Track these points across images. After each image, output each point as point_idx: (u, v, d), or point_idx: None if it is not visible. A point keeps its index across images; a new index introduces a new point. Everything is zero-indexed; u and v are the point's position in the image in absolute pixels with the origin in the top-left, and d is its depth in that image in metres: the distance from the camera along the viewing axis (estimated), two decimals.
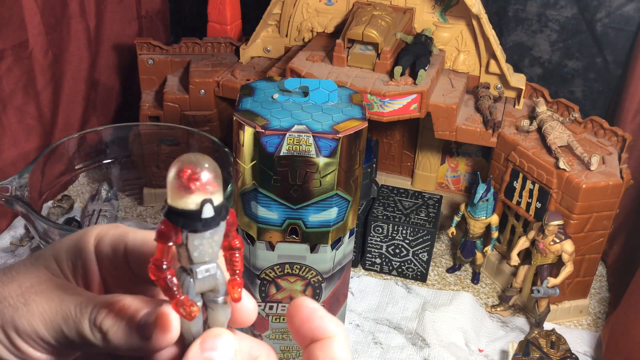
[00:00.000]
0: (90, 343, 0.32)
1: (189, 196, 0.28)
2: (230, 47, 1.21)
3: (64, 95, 1.16)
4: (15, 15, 1.01)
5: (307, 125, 0.65)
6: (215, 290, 0.31)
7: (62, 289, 0.33)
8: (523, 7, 1.15)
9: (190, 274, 0.30)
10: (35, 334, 0.32)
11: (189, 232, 0.29)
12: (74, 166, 1.01)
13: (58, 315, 0.32)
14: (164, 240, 0.29)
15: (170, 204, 0.28)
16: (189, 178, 0.28)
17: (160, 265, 0.29)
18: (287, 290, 0.75)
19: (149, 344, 0.31)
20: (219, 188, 0.29)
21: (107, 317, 0.32)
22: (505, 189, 0.99)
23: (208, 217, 0.28)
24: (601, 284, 1.06)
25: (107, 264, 0.36)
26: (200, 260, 0.29)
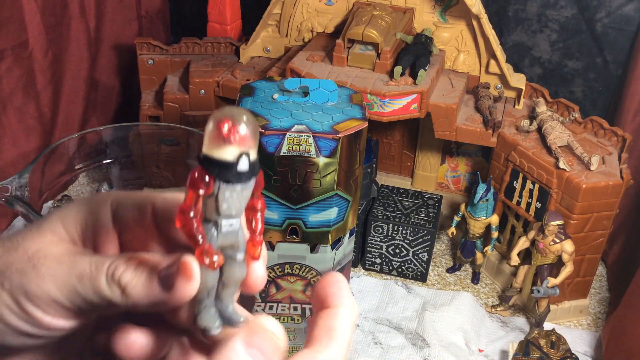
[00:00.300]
0: (109, 300, 0.31)
1: (227, 147, 0.28)
2: (230, 47, 1.21)
3: (64, 95, 1.16)
4: (15, 15, 1.01)
5: (307, 125, 0.65)
6: (235, 247, 0.31)
7: (72, 251, 0.32)
8: (523, 7, 1.15)
9: (215, 226, 0.30)
10: (47, 297, 0.31)
11: (222, 183, 0.29)
12: (74, 166, 1.01)
13: (71, 274, 0.31)
14: (196, 188, 0.29)
15: (207, 153, 0.28)
16: (229, 129, 0.28)
17: (189, 212, 0.29)
18: (287, 290, 0.75)
19: (171, 296, 0.30)
20: (255, 144, 0.29)
21: (127, 271, 0.31)
22: (505, 189, 0.99)
23: (243, 171, 0.28)
24: (601, 284, 1.06)
25: (133, 227, 0.34)
26: (227, 213, 0.30)
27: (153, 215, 0.34)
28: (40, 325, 0.31)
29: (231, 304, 0.32)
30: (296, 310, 0.76)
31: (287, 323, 0.77)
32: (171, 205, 0.34)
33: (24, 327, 0.31)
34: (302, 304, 0.76)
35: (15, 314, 0.31)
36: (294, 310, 0.76)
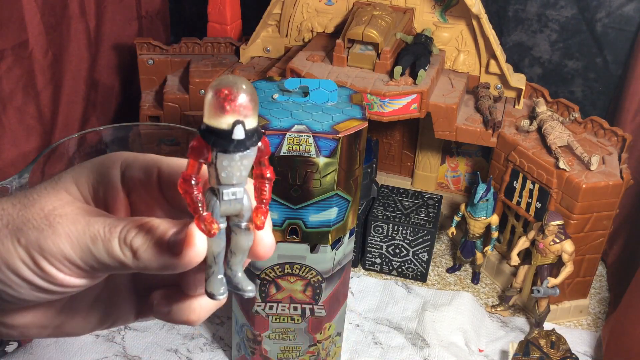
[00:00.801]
0: (120, 262, 0.32)
1: (222, 116, 0.28)
2: (230, 47, 1.21)
3: (64, 95, 1.16)
4: (15, 15, 1.01)
5: (307, 125, 0.65)
6: (240, 215, 0.31)
7: (86, 211, 0.33)
8: (523, 7, 1.15)
9: (217, 194, 0.30)
10: (61, 255, 0.32)
11: (219, 152, 0.29)
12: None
13: (85, 235, 0.32)
14: (195, 156, 0.29)
15: (205, 122, 0.29)
16: (224, 98, 0.28)
17: (190, 180, 0.30)
18: (287, 290, 0.75)
19: (179, 261, 0.31)
20: (253, 112, 0.29)
21: (138, 236, 0.32)
22: (505, 189, 0.99)
23: (238, 139, 0.29)
24: (601, 284, 1.06)
25: (139, 189, 0.35)
26: (228, 182, 0.30)
27: (158, 179, 0.35)
28: (53, 281, 0.32)
29: (240, 271, 0.33)
30: (296, 310, 0.76)
31: (287, 323, 0.77)
32: (176, 171, 0.35)
33: (39, 282, 0.32)
34: (302, 304, 0.76)
35: (31, 269, 0.32)
36: (294, 310, 0.76)
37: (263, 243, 0.33)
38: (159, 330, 0.91)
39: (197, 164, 0.30)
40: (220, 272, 0.32)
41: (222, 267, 0.32)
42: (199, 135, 0.29)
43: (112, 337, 0.89)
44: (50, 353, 0.86)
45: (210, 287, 0.32)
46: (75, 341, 0.88)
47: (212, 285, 0.32)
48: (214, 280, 0.32)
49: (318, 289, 0.75)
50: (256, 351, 0.80)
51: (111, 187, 0.35)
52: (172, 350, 0.88)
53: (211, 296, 0.32)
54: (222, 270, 0.32)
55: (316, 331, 0.78)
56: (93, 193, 0.35)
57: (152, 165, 0.35)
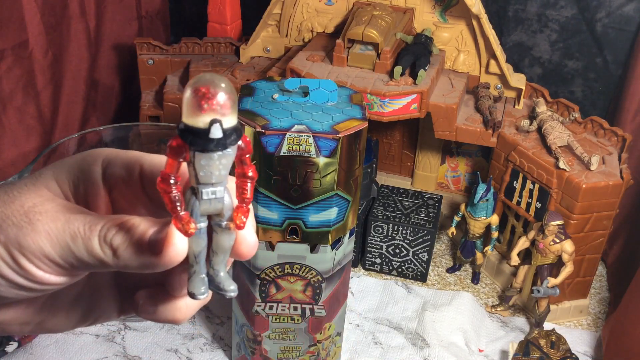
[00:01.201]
0: (100, 260, 0.32)
1: (200, 114, 0.28)
2: (230, 47, 1.21)
3: (64, 95, 1.16)
4: (15, 15, 1.01)
5: (307, 125, 0.65)
6: (221, 215, 0.31)
7: (67, 209, 0.33)
8: (523, 7, 1.15)
9: (196, 194, 0.30)
10: (41, 252, 0.31)
11: (196, 151, 0.29)
12: None
13: (65, 233, 0.32)
14: (174, 155, 0.29)
15: (183, 121, 0.29)
16: (202, 96, 0.28)
17: (168, 179, 0.29)
18: (287, 290, 0.75)
19: (159, 260, 0.31)
20: (231, 111, 0.29)
21: (118, 234, 0.31)
22: (505, 189, 0.99)
23: (215, 138, 0.28)
24: (601, 284, 1.06)
25: (120, 186, 0.35)
26: (206, 181, 0.30)
27: (140, 176, 0.35)
28: (33, 279, 0.32)
29: (222, 270, 0.32)
30: (296, 310, 0.76)
31: (287, 323, 0.77)
32: (158, 169, 0.34)
33: (18, 280, 0.32)
34: (302, 304, 0.76)
35: (10, 267, 0.32)
36: (294, 310, 0.76)
37: (245, 242, 0.33)
38: (159, 330, 0.91)
39: (176, 162, 0.30)
40: (202, 272, 0.32)
41: (204, 266, 0.32)
42: (177, 134, 0.29)
43: (112, 337, 0.89)
44: (50, 353, 0.86)
45: (192, 286, 0.32)
46: (75, 341, 0.88)
47: (193, 284, 0.32)
48: (196, 279, 0.32)
49: (318, 289, 0.75)
50: (256, 351, 0.80)
51: (92, 184, 0.35)
52: (172, 350, 0.88)
53: (192, 296, 0.32)
54: (204, 269, 0.32)
55: (316, 331, 0.78)
56: (74, 190, 0.35)
57: (134, 162, 0.35)
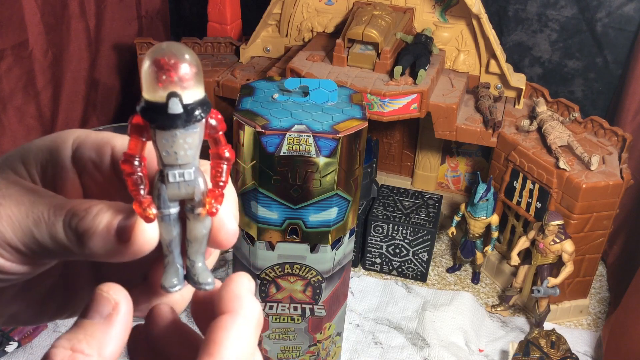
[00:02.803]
0: (65, 247, 0.30)
1: (157, 88, 0.26)
2: (230, 47, 1.21)
3: (64, 95, 1.16)
4: (15, 15, 1.01)
5: (307, 125, 0.65)
6: (193, 200, 0.28)
7: (32, 192, 0.31)
8: (523, 7, 1.15)
9: (162, 177, 0.28)
10: (2, 239, 0.29)
11: (156, 128, 0.26)
12: None
13: (29, 218, 0.29)
14: (136, 134, 0.27)
15: (143, 95, 0.26)
16: (159, 68, 0.25)
17: (132, 160, 0.27)
18: (287, 290, 0.75)
19: (126, 248, 0.29)
20: (195, 83, 0.26)
21: (84, 220, 0.29)
22: (505, 188, 0.99)
23: (174, 114, 0.26)
24: (601, 284, 1.06)
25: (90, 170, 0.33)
26: (171, 162, 0.27)
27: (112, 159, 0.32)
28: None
29: (199, 261, 0.30)
30: (296, 310, 0.76)
31: (287, 323, 0.77)
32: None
33: None
34: (302, 304, 0.76)
35: None
36: (294, 310, 0.76)
37: (224, 230, 0.30)
38: None
39: (140, 142, 0.27)
40: (177, 262, 0.30)
41: (178, 256, 0.30)
42: (137, 110, 0.26)
43: None
44: None
45: (164, 278, 0.29)
46: None
47: (165, 276, 0.29)
48: (169, 270, 0.29)
49: (318, 289, 0.75)
50: None
51: (60, 166, 0.32)
52: None
53: (163, 289, 0.29)
54: (178, 259, 0.30)
55: (316, 331, 0.78)
56: (42, 173, 0.32)
57: (105, 143, 0.32)
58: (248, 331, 0.29)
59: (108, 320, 0.28)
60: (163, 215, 0.28)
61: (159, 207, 0.28)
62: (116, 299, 0.29)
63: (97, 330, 0.28)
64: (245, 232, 0.72)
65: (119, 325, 0.28)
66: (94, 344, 0.27)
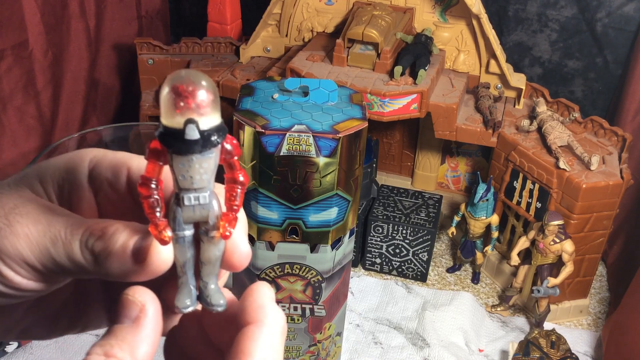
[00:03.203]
0: (81, 267, 0.30)
1: (175, 114, 0.26)
2: (230, 47, 1.21)
3: (64, 95, 1.16)
4: (15, 15, 1.01)
5: (307, 125, 0.65)
6: (207, 223, 0.29)
7: (49, 210, 0.31)
8: (523, 7, 1.15)
9: (178, 200, 0.28)
10: (18, 256, 0.30)
11: (173, 153, 0.27)
12: None
13: (46, 236, 0.30)
14: (154, 158, 0.28)
15: (161, 121, 0.27)
16: (177, 94, 0.26)
17: (149, 183, 0.28)
18: (287, 290, 0.75)
19: (142, 269, 0.29)
20: (211, 110, 0.27)
21: (101, 239, 0.30)
22: (505, 188, 0.99)
23: (191, 139, 0.26)
24: (601, 284, 1.06)
25: (106, 189, 0.33)
26: (186, 186, 0.28)
27: (128, 180, 0.33)
28: (8, 284, 0.30)
29: (212, 283, 0.30)
30: (296, 310, 0.76)
31: (287, 323, 0.77)
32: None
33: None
34: (302, 304, 0.76)
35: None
36: (294, 310, 0.76)
37: (237, 253, 0.31)
38: None
39: (157, 166, 0.28)
40: (191, 283, 0.30)
41: (192, 277, 0.30)
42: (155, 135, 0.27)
43: None
44: (50, 353, 0.86)
45: (177, 298, 0.30)
46: (75, 341, 0.88)
47: (178, 296, 0.30)
48: (183, 291, 0.30)
49: (318, 289, 0.75)
50: None
51: (77, 185, 0.33)
52: None
53: (176, 309, 0.30)
54: (192, 281, 0.30)
55: (316, 331, 0.78)
56: (58, 191, 0.33)
57: (122, 164, 0.33)
58: (275, 340, 0.29)
59: (137, 323, 0.29)
60: (178, 237, 0.29)
61: (174, 229, 0.29)
62: (142, 301, 0.29)
63: (128, 334, 0.28)
64: None
65: (149, 327, 0.29)
66: (125, 347, 0.28)
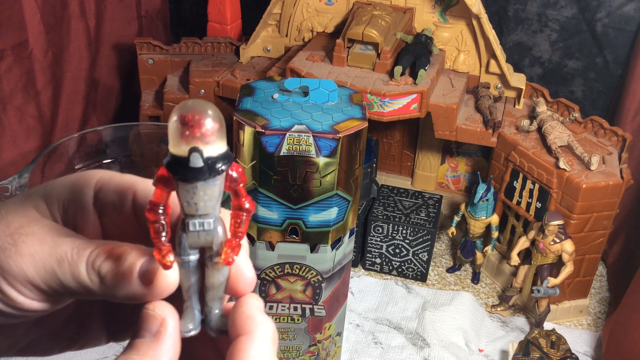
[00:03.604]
0: (87, 288, 0.30)
1: (181, 142, 0.27)
2: (230, 47, 1.21)
3: (64, 95, 1.16)
4: (15, 15, 1.01)
5: (307, 125, 0.65)
6: (211, 249, 0.30)
7: (55, 231, 0.31)
8: (523, 7, 1.15)
9: (183, 226, 0.29)
10: (23, 277, 0.30)
11: (178, 180, 0.28)
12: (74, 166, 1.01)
13: (52, 257, 0.30)
14: (161, 185, 0.28)
15: (169, 149, 0.28)
16: (183, 123, 0.27)
17: (156, 208, 0.28)
18: (287, 290, 0.75)
19: (147, 291, 0.30)
20: (216, 139, 0.27)
21: (107, 261, 0.30)
22: (505, 188, 0.99)
23: (195, 167, 0.27)
24: (601, 284, 1.06)
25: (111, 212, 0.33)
26: (191, 212, 0.28)
27: (133, 204, 0.33)
28: (13, 304, 0.30)
29: (216, 308, 0.31)
30: (296, 310, 0.76)
31: (287, 323, 0.77)
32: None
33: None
34: (302, 304, 0.76)
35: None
36: (294, 310, 0.76)
37: (242, 278, 0.31)
38: None
39: (165, 192, 0.29)
40: (195, 307, 0.31)
41: (197, 302, 0.31)
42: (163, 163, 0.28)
43: None
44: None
45: (181, 322, 0.30)
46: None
47: (183, 320, 0.31)
48: (187, 315, 0.31)
49: (318, 289, 0.75)
50: None
51: (82, 207, 0.33)
52: None
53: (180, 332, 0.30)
54: (197, 305, 0.31)
55: (316, 331, 0.78)
56: (63, 212, 0.33)
57: (128, 188, 0.33)
58: (267, 349, 0.30)
59: (158, 337, 0.29)
60: (183, 262, 0.30)
61: (179, 254, 0.29)
62: (163, 316, 0.30)
63: (149, 348, 0.29)
64: None
65: (169, 340, 0.29)
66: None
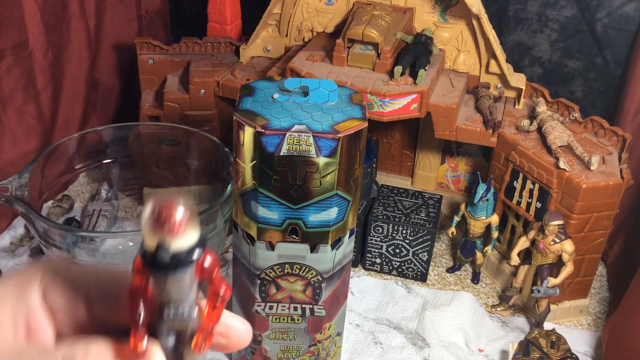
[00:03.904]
0: None
1: (151, 235, 0.28)
2: (230, 47, 1.21)
3: (64, 95, 1.16)
4: (15, 15, 1.01)
5: (307, 125, 0.65)
6: (186, 334, 0.31)
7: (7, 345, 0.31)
8: (523, 7, 1.15)
9: (161, 311, 0.30)
10: None
11: (151, 270, 0.29)
12: (74, 166, 1.01)
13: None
14: (138, 273, 0.29)
15: (143, 239, 0.29)
16: (154, 217, 0.27)
17: (136, 295, 0.29)
18: (287, 290, 0.75)
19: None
20: (185, 230, 0.28)
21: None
22: (505, 188, 0.99)
23: (162, 261, 0.28)
24: (601, 284, 1.06)
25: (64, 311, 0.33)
26: (165, 299, 0.29)
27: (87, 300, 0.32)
28: None
29: None
30: (296, 310, 0.76)
31: (287, 323, 0.77)
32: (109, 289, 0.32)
33: None
34: (302, 304, 0.76)
35: None
36: (294, 310, 0.76)
37: (236, 333, 0.32)
38: None
39: (144, 279, 0.29)
40: None
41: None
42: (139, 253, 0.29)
43: None
44: None
45: None
46: None
47: None
48: None
49: (318, 289, 0.75)
50: (256, 351, 0.80)
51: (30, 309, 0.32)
52: None
53: None
54: None
55: (316, 331, 0.78)
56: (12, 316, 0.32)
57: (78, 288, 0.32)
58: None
59: None
60: (162, 344, 0.31)
61: (158, 336, 0.30)
62: None
63: None
64: (245, 232, 0.72)
65: None
66: None
